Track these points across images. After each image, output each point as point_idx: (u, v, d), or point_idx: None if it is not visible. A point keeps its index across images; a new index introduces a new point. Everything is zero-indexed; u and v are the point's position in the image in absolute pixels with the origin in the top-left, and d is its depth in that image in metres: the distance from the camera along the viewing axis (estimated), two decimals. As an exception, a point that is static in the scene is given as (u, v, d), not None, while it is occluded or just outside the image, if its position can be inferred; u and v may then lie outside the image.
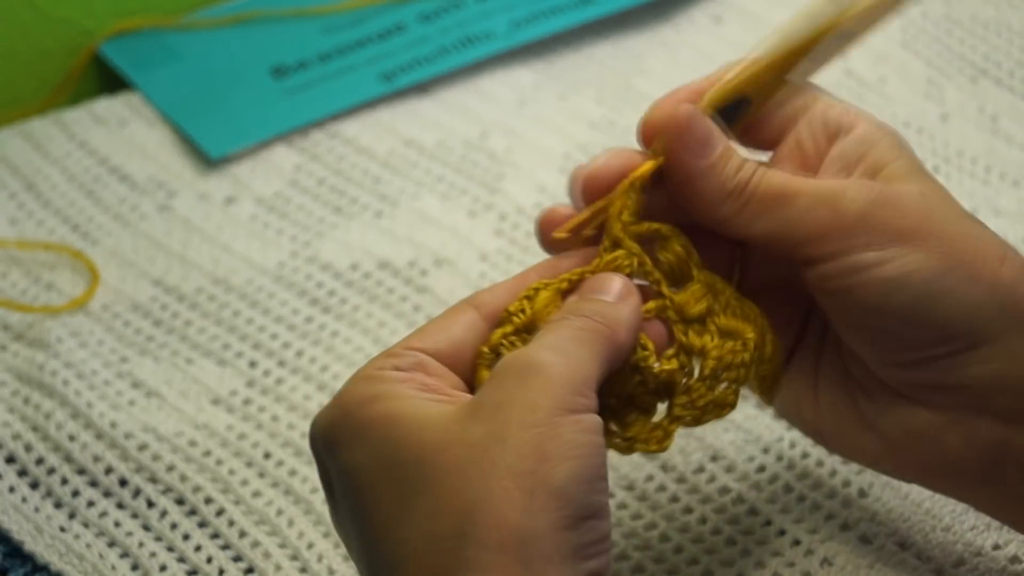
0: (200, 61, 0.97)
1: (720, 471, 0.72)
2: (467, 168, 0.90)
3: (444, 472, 0.53)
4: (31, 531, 0.72)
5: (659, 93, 0.94)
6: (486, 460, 0.52)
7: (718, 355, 0.60)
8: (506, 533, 0.51)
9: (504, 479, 0.52)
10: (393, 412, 0.55)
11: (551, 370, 0.54)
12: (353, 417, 0.56)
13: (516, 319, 0.58)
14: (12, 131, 0.94)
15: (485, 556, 0.51)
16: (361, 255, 0.85)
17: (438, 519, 0.52)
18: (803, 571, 0.68)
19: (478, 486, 0.52)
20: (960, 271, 0.58)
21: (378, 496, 0.54)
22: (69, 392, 0.78)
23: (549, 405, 0.53)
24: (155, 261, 0.86)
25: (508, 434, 0.53)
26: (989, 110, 0.91)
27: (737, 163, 0.60)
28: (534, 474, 0.52)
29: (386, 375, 0.57)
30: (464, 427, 0.53)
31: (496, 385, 0.54)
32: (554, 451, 0.52)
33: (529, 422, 0.53)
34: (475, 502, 0.52)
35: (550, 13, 0.98)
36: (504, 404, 0.53)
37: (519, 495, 0.52)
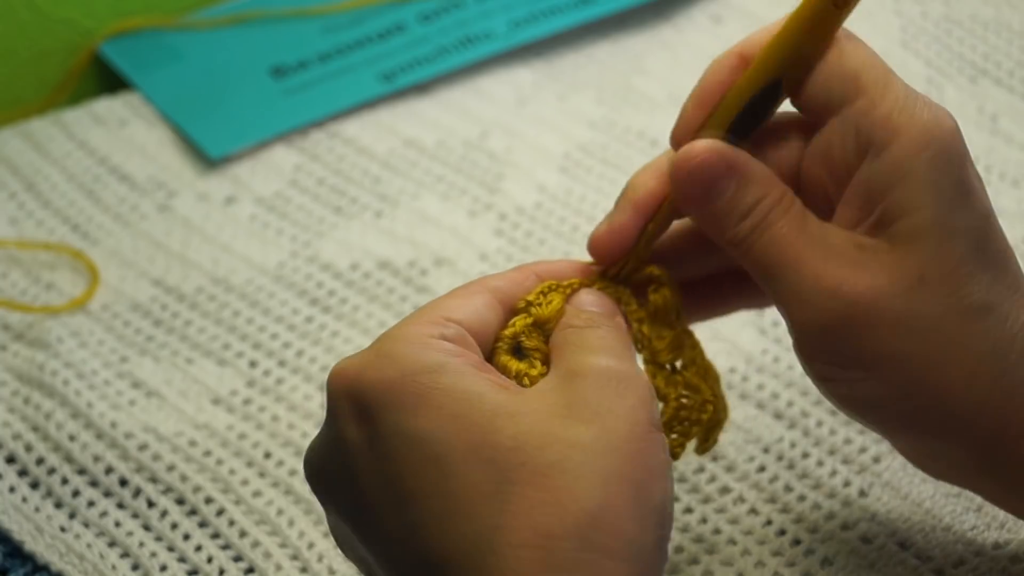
0: (200, 61, 0.97)
1: (720, 471, 0.72)
2: (467, 168, 0.90)
3: (554, 468, 0.53)
4: (31, 531, 0.72)
5: (659, 93, 0.94)
6: (601, 465, 0.53)
7: (676, 407, 0.62)
8: (624, 544, 0.52)
9: (620, 489, 0.53)
10: (473, 390, 0.54)
11: (643, 387, 0.56)
12: (419, 383, 0.54)
13: (536, 311, 0.59)
14: (12, 131, 0.94)
15: (606, 564, 0.52)
16: (361, 255, 0.85)
17: (552, 515, 0.52)
18: (803, 571, 0.68)
19: (597, 493, 0.52)
20: (917, 405, 0.58)
21: (464, 472, 0.53)
22: (69, 392, 0.78)
23: (647, 420, 0.55)
24: (155, 261, 0.86)
25: (619, 444, 0.53)
26: (989, 110, 0.91)
27: (741, 213, 0.58)
28: (642, 489, 0.53)
29: (443, 346, 0.56)
30: (568, 426, 0.54)
31: (595, 389, 0.55)
32: (655, 468, 0.54)
33: (635, 435, 0.54)
34: (598, 507, 0.52)
35: (550, 13, 0.98)
36: (608, 412, 0.54)
37: (635, 508, 0.53)
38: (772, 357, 0.76)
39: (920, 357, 0.57)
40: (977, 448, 0.58)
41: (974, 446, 0.58)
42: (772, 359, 0.76)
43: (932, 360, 0.57)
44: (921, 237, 0.57)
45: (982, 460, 0.59)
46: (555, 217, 0.86)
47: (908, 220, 0.57)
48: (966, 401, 0.57)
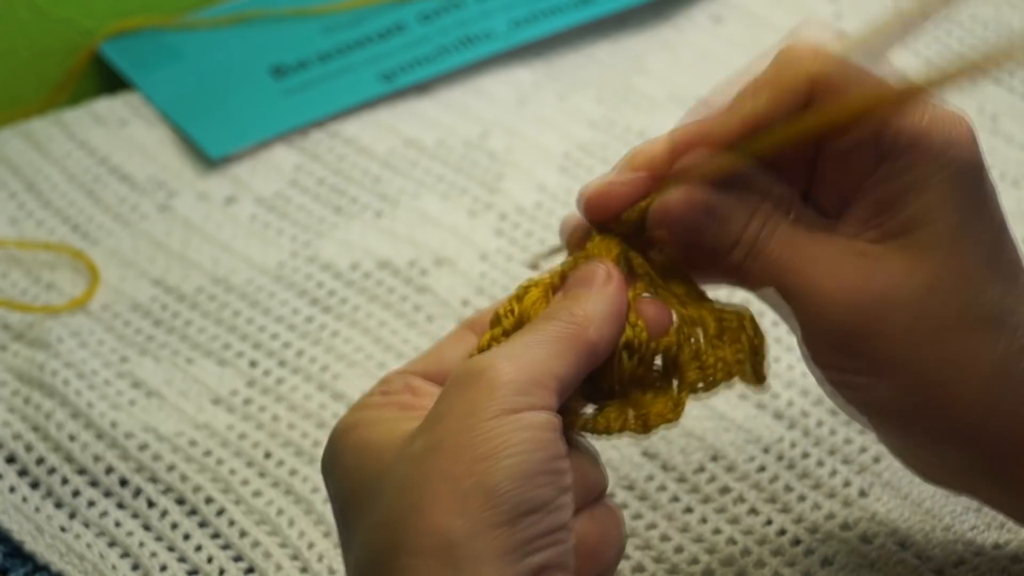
0: (200, 61, 0.97)
1: (720, 471, 0.72)
2: (467, 168, 0.90)
3: (388, 487, 0.53)
4: (31, 531, 0.72)
5: (659, 93, 0.94)
6: (422, 470, 0.53)
7: (718, 317, 0.60)
8: (434, 537, 0.51)
9: (436, 484, 0.52)
10: (365, 437, 0.56)
11: (494, 374, 0.54)
12: (335, 445, 0.57)
13: (505, 320, 0.59)
14: (12, 131, 0.94)
15: (415, 563, 0.51)
16: (361, 255, 0.85)
17: (377, 533, 0.53)
18: (803, 571, 0.68)
19: (413, 496, 0.52)
20: (927, 395, 0.57)
21: (345, 519, 0.56)
22: (69, 392, 0.78)
23: (489, 408, 0.53)
24: (155, 261, 0.86)
25: (444, 441, 0.53)
26: (989, 110, 0.91)
27: (729, 245, 0.58)
28: (468, 476, 0.52)
29: (371, 401, 0.58)
30: (409, 442, 0.54)
31: (442, 395, 0.55)
32: (489, 451, 0.52)
33: (465, 427, 0.53)
34: (408, 511, 0.52)
35: (550, 13, 0.98)
36: (445, 413, 0.54)
37: (450, 498, 0.52)
38: (772, 357, 0.76)
39: (930, 364, 0.57)
40: (984, 455, 0.58)
41: (981, 453, 0.58)
42: (772, 359, 0.76)
43: (942, 368, 0.57)
44: (933, 247, 0.57)
45: (988, 467, 0.59)
46: (555, 217, 0.86)
47: (922, 231, 0.57)
48: (975, 409, 0.57)
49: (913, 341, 0.57)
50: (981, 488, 0.61)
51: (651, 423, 0.59)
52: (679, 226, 0.59)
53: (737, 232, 0.58)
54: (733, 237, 0.58)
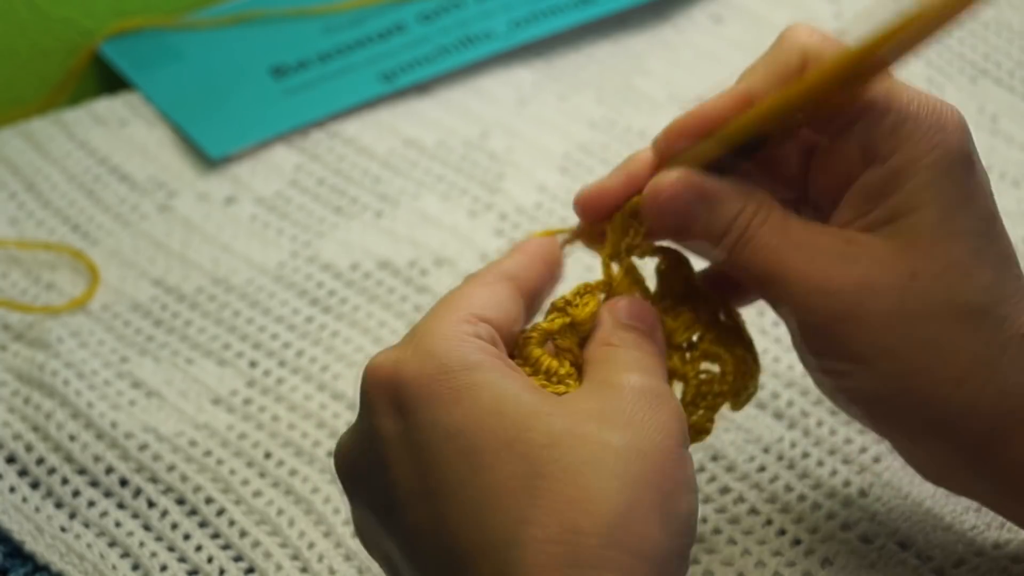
0: (200, 61, 0.97)
1: (720, 471, 0.72)
2: (467, 168, 0.90)
3: (586, 466, 0.53)
4: (32, 531, 0.72)
5: (659, 93, 0.94)
6: (631, 469, 0.53)
7: (696, 384, 0.62)
8: (648, 545, 0.52)
9: (648, 494, 0.53)
10: (509, 388, 0.55)
11: (674, 405, 0.56)
12: (458, 379, 0.55)
13: (573, 311, 0.60)
14: (12, 131, 0.94)
15: (630, 561, 0.52)
16: (361, 255, 0.85)
17: (580, 512, 0.52)
18: (803, 571, 0.68)
19: (626, 494, 0.53)
20: (907, 383, 0.58)
21: (497, 466, 0.53)
22: (69, 392, 0.78)
23: (678, 435, 0.55)
24: (155, 261, 0.86)
25: (649, 452, 0.54)
26: (989, 110, 0.91)
27: (720, 232, 0.59)
28: (669, 498, 0.54)
29: (479, 345, 0.57)
30: (601, 429, 0.54)
31: (628, 402, 0.55)
32: (683, 481, 0.54)
33: (665, 447, 0.54)
34: (626, 507, 0.52)
35: (550, 13, 0.98)
36: (640, 422, 0.55)
37: (660, 514, 0.53)
38: (772, 357, 0.76)
39: (910, 352, 0.57)
40: (967, 449, 0.58)
41: (964, 447, 0.58)
42: (772, 359, 0.76)
43: (922, 357, 0.57)
44: (917, 236, 0.57)
45: (972, 462, 0.59)
46: (555, 217, 0.86)
47: (907, 218, 0.57)
48: (955, 401, 0.57)
49: (893, 328, 0.57)
50: (972, 486, 0.61)
51: None
52: (671, 209, 0.59)
53: (728, 219, 0.59)
54: (724, 223, 0.59)
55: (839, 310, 0.57)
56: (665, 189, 0.59)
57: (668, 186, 0.59)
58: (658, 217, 0.60)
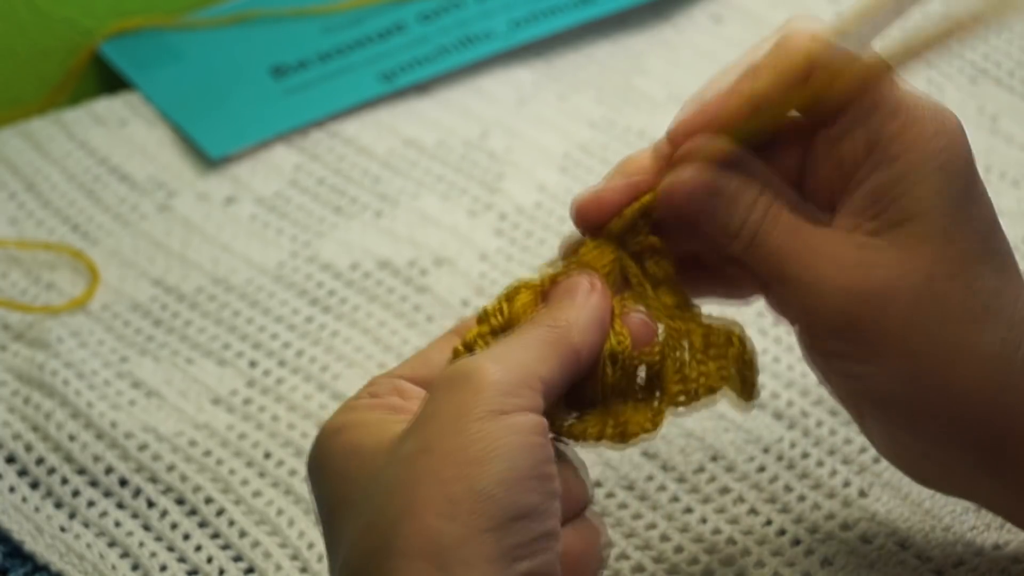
0: (200, 61, 0.97)
1: (720, 471, 0.72)
2: (467, 168, 0.90)
3: (378, 490, 0.53)
4: (31, 531, 0.72)
5: (659, 93, 0.94)
6: (412, 472, 0.52)
7: (705, 332, 0.61)
8: (425, 540, 0.51)
9: (428, 487, 0.52)
10: (353, 440, 0.56)
11: (482, 375, 0.54)
12: (322, 448, 0.57)
13: (493, 319, 0.59)
14: (12, 131, 0.94)
15: (405, 565, 0.51)
16: (361, 255, 0.85)
17: (367, 535, 0.53)
18: (803, 571, 0.68)
19: (403, 498, 0.52)
20: (922, 386, 0.58)
21: (333, 523, 0.55)
22: (69, 392, 0.78)
23: (477, 410, 0.53)
24: (155, 261, 0.86)
25: (433, 444, 0.53)
26: (989, 110, 0.91)
27: (733, 230, 0.59)
28: (459, 479, 0.52)
29: (358, 403, 0.58)
30: (399, 444, 0.54)
31: (430, 397, 0.55)
32: (478, 454, 0.52)
33: (454, 429, 0.53)
34: (399, 513, 0.52)
35: (550, 13, 0.98)
36: (433, 414, 0.54)
37: (441, 501, 0.51)
38: (772, 357, 0.76)
39: (928, 352, 0.57)
40: (981, 449, 0.58)
41: (974, 446, 0.58)
42: (772, 359, 0.76)
43: (940, 356, 0.57)
44: (930, 239, 0.57)
45: (985, 462, 0.59)
46: (555, 217, 0.86)
47: (917, 223, 0.57)
48: (973, 399, 0.57)
49: (912, 329, 0.57)
50: (978, 487, 0.61)
51: (629, 433, 0.59)
52: (687, 207, 0.59)
53: (743, 216, 0.59)
54: (739, 221, 0.59)
55: (857, 311, 0.57)
56: (681, 188, 0.59)
57: (684, 184, 0.59)
58: (673, 214, 0.60)
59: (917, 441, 0.60)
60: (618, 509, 0.71)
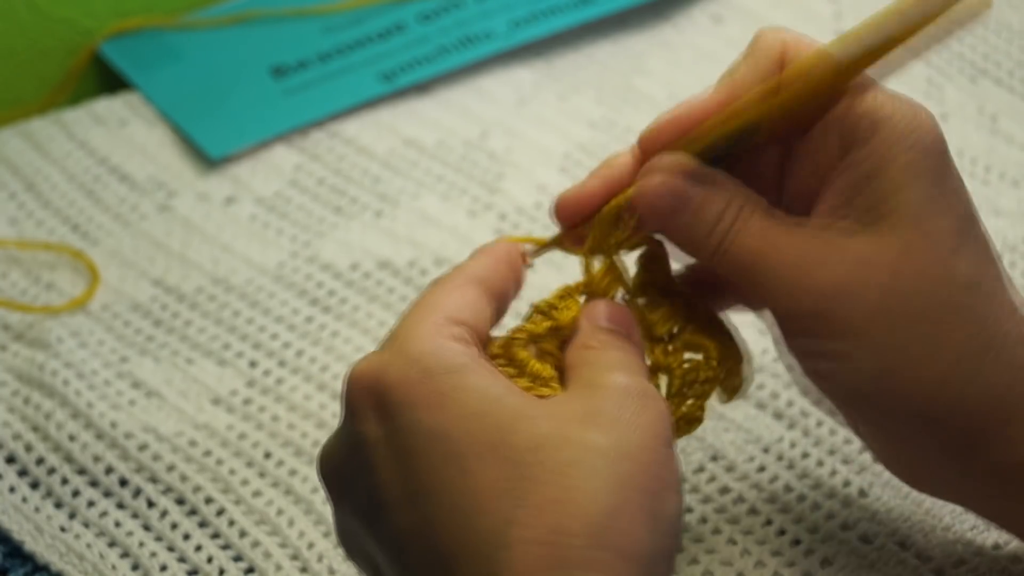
0: (200, 61, 0.97)
1: (720, 471, 0.72)
2: (467, 168, 0.90)
3: (571, 467, 0.53)
4: (31, 531, 0.72)
5: (659, 93, 0.94)
6: (616, 470, 0.53)
7: (682, 373, 0.62)
8: (635, 546, 0.53)
9: (634, 495, 0.53)
10: (493, 391, 0.55)
11: (660, 404, 0.56)
12: (442, 382, 0.55)
13: (557, 315, 0.60)
14: (12, 131, 0.94)
15: (616, 563, 0.52)
16: (361, 255, 0.85)
17: (566, 513, 0.52)
18: (803, 571, 0.68)
19: (612, 495, 0.53)
20: (892, 381, 0.58)
21: (481, 469, 0.54)
22: (69, 392, 0.78)
23: (663, 435, 0.56)
24: (155, 261, 0.86)
25: (635, 452, 0.54)
26: (989, 110, 0.91)
27: (706, 230, 0.59)
28: (656, 498, 0.54)
29: (460, 348, 0.57)
30: (586, 431, 0.54)
31: (612, 402, 0.55)
32: (669, 481, 0.55)
33: (651, 447, 0.55)
34: (612, 508, 0.53)
35: (550, 13, 0.98)
36: (625, 422, 0.55)
37: (647, 515, 0.53)
38: (772, 357, 0.76)
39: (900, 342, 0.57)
40: (952, 448, 0.58)
41: (950, 445, 0.58)
42: (772, 359, 0.76)
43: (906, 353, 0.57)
44: (901, 224, 0.57)
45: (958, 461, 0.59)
46: (555, 217, 0.86)
47: (886, 217, 0.57)
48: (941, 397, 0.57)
49: (883, 318, 0.57)
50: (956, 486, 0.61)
51: None
52: (657, 211, 0.60)
53: (712, 219, 0.59)
54: (710, 222, 0.59)
55: (823, 309, 0.57)
56: (651, 192, 0.60)
57: (654, 189, 0.60)
58: (648, 210, 0.60)
59: (891, 437, 0.60)
60: (618, 509, 0.71)
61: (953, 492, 0.62)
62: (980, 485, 0.60)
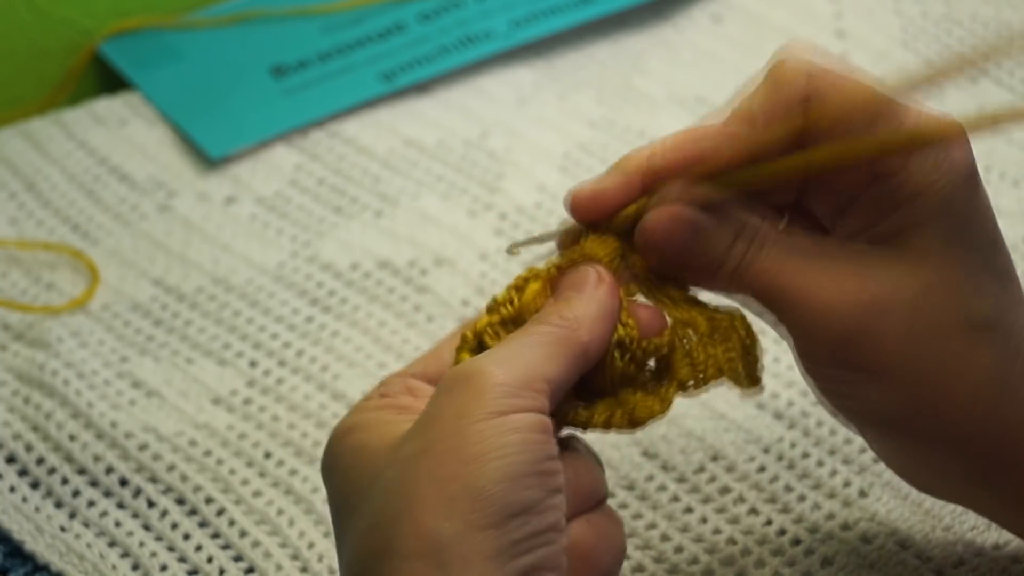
0: (200, 61, 0.97)
1: (720, 471, 0.72)
2: (467, 168, 0.90)
3: (379, 490, 0.54)
4: (31, 531, 0.72)
5: (659, 93, 0.94)
6: (411, 473, 0.53)
7: (709, 317, 0.60)
8: (423, 540, 0.52)
9: (425, 487, 0.52)
10: (361, 440, 0.56)
11: (484, 377, 0.54)
12: (333, 448, 0.58)
13: (504, 309, 0.59)
14: (12, 131, 0.94)
15: (404, 565, 0.52)
16: (361, 255, 0.85)
17: (367, 535, 0.53)
18: (803, 571, 0.68)
19: (402, 498, 0.52)
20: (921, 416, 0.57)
21: (339, 521, 0.56)
22: (69, 392, 0.78)
23: (479, 412, 0.53)
24: (155, 261, 0.86)
25: (434, 444, 0.53)
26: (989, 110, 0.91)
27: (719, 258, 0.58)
28: (456, 478, 0.52)
29: (369, 404, 0.58)
30: (400, 445, 0.54)
31: (433, 398, 0.55)
32: (477, 453, 0.52)
33: (454, 430, 0.53)
34: (397, 514, 0.52)
35: (550, 12, 0.98)
36: (435, 416, 0.54)
37: (438, 501, 0.52)
38: (772, 357, 0.76)
39: (925, 368, 0.57)
40: (978, 463, 0.58)
41: (975, 460, 0.58)
42: (772, 359, 0.76)
43: (937, 372, 0.57)
44: (929, 251, 0.57)
45: (982, 475, 0.59)
46: (555, 217, 0.86)
47: (915, 235, 0.57)
48: (970, 414, 0.57)
49: (908, 345, 0.57)
50: (975, 497, 0.61)
51: (638, 418, 0.59)
52: (667, 246, 0.58)
53: (724, 249, 0.58)
54: (720, 254, 0.58)
55: (850, 327, 0.57)
56: (659, 227, 0.58)
57: (662, 223, 0.58)
58: (654, 253, 0.59)
59: (914, 454, 0.60)
60: (618, 509, 0.71)
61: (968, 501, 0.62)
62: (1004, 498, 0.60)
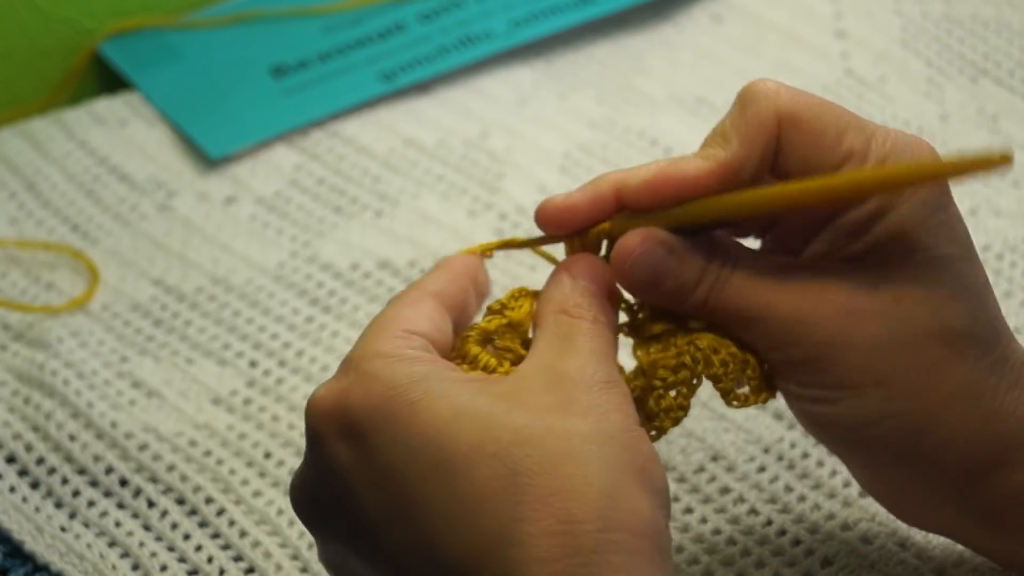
0: (200, 61, 0.97)
1: (720, 471, 0.72)
2: (467, 168, 0.90)
3: (561, 456, 0.53)
4: (31, 531, 0.72)
5: (659, 93, 0.94)
6: (603, 452, 0.53)
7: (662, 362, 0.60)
8: (642, 522, 0.53)
9: (627, 472, 0.53)
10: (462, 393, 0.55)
11: (624, 386, 0.57)
12: (409, 393, 0.55)
13: (510, 314, 0.60)
14: (12, 131, 0.94)
15: (629, 541, 0.52)
16: (361, 255, 0.85)
17: (570, 500, 0.52)
18: (803, 571, 0.68)
19: (609, 475, 0.53)
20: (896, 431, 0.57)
21: (471, 470, 0.53)
22: (69, 392, 0.78)
23: (632, 414, 0.56)
24: (155, 261, 0.86)
25: (615, 434, 0.54)
26: (989, 110, 0.91)
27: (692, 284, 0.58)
28: (643, 472, 0.54)
29: (420, 356, 0.56)
30: (564, 419, 0.54)
31: (581, 390, 0.55)
32: (650, 455, 0.55)
33: (626, 427, 0.55)
34: (612, 489, 0.53)
35: (550, 12, 0.98)
36: (598, 407, 0.55)
37: (642, 490, 0.53)
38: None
39: (897, 379, 0.57)
40: (952, 479, 0.58)
41: (949, 477, 0.58)
42: (772, 359, 0.76)
43: (909, 382, 0.57)
44: (899, 262, 0.57)
45: (956, 494, 0.58)
46: (555, 217, 0.86)
47: (887, 248, 0.57)
48: (943, 426, 0.57)
49: (881, 355, 0.57)
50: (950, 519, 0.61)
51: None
52: (641, 269, 0.58)
53: (699, 270, 0.58)
54: (696, 275, 0.58)
55: (822, 339, 0.57)
56: (633, 249, 0.58)
57: (636, 246, 0.58)
58: (629, 276, 0.59)
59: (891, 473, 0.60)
60: (618, 509, 0.71)
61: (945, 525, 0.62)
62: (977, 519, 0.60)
